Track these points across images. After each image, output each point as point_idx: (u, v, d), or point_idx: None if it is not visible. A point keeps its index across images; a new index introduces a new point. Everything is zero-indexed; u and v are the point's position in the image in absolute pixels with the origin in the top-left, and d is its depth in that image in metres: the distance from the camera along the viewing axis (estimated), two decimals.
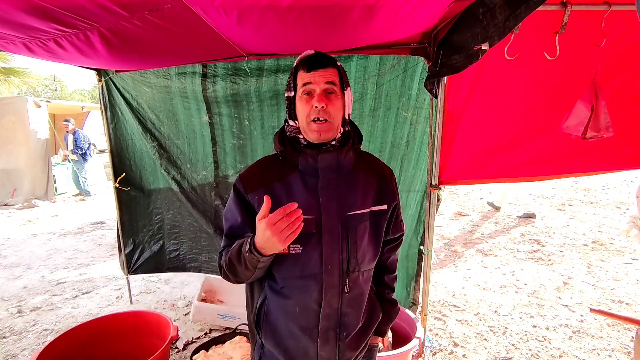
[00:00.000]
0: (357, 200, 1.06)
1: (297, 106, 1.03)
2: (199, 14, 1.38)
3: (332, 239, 1.02)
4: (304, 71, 1.01)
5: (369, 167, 1.14)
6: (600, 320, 2.92)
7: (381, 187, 1.13)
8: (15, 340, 2.89)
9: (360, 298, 1.11)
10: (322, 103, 0.98)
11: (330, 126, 1.01)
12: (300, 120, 1.04)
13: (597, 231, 5.14)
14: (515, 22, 1.28)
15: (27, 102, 7.84)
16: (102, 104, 2.77)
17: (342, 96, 1.04)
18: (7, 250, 5.04)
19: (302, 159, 1.03)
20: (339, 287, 1.03)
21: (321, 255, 1.01)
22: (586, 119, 1.77)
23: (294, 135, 1.07)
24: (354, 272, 1.05)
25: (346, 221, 1.04)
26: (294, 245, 1.00)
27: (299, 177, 1.05)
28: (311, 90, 1.00)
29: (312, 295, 1.03)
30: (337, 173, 1.04)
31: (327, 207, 1.02)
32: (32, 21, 1.34)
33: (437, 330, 2.85)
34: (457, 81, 2.00)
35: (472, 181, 2.24)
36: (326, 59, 1.02)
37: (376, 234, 1.11)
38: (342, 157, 1.04)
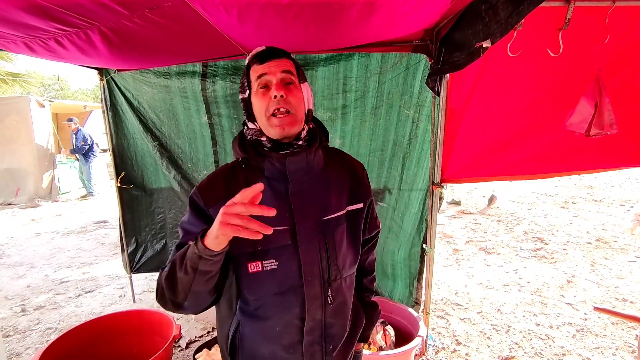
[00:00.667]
0: (331, 202, 0.98)
1: (254, 103, 0.93)
2: (199, 12, 1.37)
3: (309, 247, 0.93)
4: (257, 64, 0.92)
5: (339, 164, 1.06)
6: (604, 319, 2.91)
7: (355, 185, 1.05)
8: (19, 338, 2.91)
9: (344, 307, 1.04)
10: (281, 91, 0.89)
11: (294, 118, 0.91)
12: (259, 117, 0.93)
13: (600, 229, 5.12)
14: (518, 18, 1.27)
15: (30, 101, 7.88)
16: (104, 103, 2.78)
17: (301, 88, 0.95)
18: (11, 250, 5.07)
19: (268, 163, 0.93)
20: (321, 298, 0.96)
21: (299, 267, 0.92)
22: (590, 116, 1.76)
23: (256, 138, 0.96)
24: (335, 280, 0.98)
25: (322, 226, 0.95)
26: (269, 261, 0.91)
27: (266, 184, 0.91)
28: (267, 82, 0.91)
29: (293, 311, 0.95)
30: (308, 175, 0.95)
31: (301, 214, 0.93)
32: (33, 20, 1.34)
33: (440, 328, 2.85)
34: (459, 78, 1.99)
35: (474, 179, 2.23)
36: (279, 51, 0.95)
37: (354, 235, 1.04)
38: (312, 157, 0.95)
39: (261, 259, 0.91)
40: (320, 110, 2.37)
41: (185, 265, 0.80)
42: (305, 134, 0.96)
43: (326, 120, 2.38)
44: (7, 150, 7.93)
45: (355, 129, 2.39)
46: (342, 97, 2.32)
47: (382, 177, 2.46)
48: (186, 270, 0.81)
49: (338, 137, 2.43)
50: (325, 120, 2.38)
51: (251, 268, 0.91)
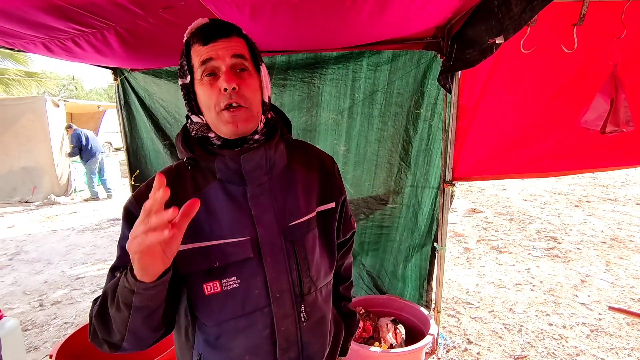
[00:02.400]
0: (299, 204, 0.85)
1: (199, 94, 0.76)
2: (212, 11, 1.39)
3: (275, 260, 0.79)
4: (200, 44, 0.75)
5: (306, 160, 0.91)
6: (619, 319, 2.86)
7: (325, 182, 0.92)
8: (37, 332, 2.98)
9: (322, 322, 0.90)
10: (233, 83, 0.72)
11: (249, 113, 0.76)
12: (206, 111, 0.77)
13: (615, 228, 5.02)
14: (532, 14, 1.26)
15: (46, 101, 8.04)
16: (118, 102, 2.82)
17: (257, 75, 0.79)
18: (28, 246, 5.19)
19: (220, 163, 0.77)
20: (294, 315, 0.82)
21: (265, 283, 0.79)
22: (605, 112, 1.73)
23: (203, 134, 0.80)
24: (309, 293, 0.84)
25: (290, 233, 0.82)
26: (229, 279, 0.77)
27: (220, 187, 0.79)
28: (214, 70, 0.74)
29: (262, 334, 0.80)
30: (268, 175, 0.81)
31: (263, 221, 0.79)
32: (51, 21, 1.38)
33: (451, 327, 2.83)
34: (471, 76, 1.98)
35: (486, 177, 2.22)
36: (227, 27, 0.77)
37: (328, 239, 0.92)
38: (272, 152, 0.80)
39: (219, 278, 0.76)
40: (326, 111, 2.36)
41: (117, 302, 0.65)
42: (263, 126, 0.82)
43: (331, 123, 2.38)
44: (24, 149, 8.11)
45: (362, 132, 2.37)
46: (350, 97, 2.31)
47: (391, 179, 2.44)
48: (118, 307, 0.66)
49: (343, 143, 2.41)
50: (329, 123, 2.37)
51: (207, 289, 0.76)
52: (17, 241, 5.43)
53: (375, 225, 2.54)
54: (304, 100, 2.35)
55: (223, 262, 0.77)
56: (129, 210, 0.77)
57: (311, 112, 2.38)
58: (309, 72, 2.30)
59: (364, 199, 2.49)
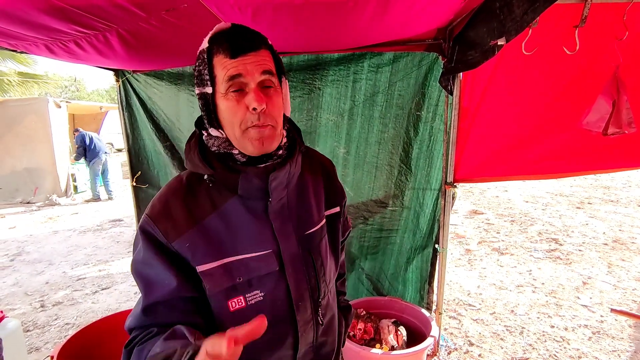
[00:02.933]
0: (312, 212, 0.87)
1: (222, 108, 0.73)
2: (214, 13, 1.39)
3: (296, 269, 0.81)
4: (226, 57, 0.70)
5: (312, 166, 0.93)
6: (621, 321, 2.85)
7: (329, 187, 0.94)
8: (38, 333, 2.99)
9: (332, 321, 0.95)
10: (263, 104, 0.69)
11: (274, 132, 0.74)
12: (229, 128, 0.74)
13: (617, 230, 5.01)
14: (534, 16, 1.25)
15: (48, 102, 8.07)
16: (120, 103, 2.83)
17: (280, 90, 0.77)
18: (30, 247, 5.20)
19: (244, 182, 0.75)
20: (312, 321, 0.85)
21: (287, 293, 0.80)
22: (607, 114, 1.73)
23: (225, 150, 0.77)
24: (324, 297, 0.87)
25: (306, 242, 0.84)
26: (253, 293, 0.77)
27: (239, 203, 0.78)
28: (242, 85, 0.71)
29: (285, 342, 0.82)
30: (287, 188, 0.82)
31: (284, 232, 0.80)
32: (54, 23, 1.38)
33: (452, 329, 2.83)
34: (473, 77, 1.98)
35: (488, 179, 2.21)
36: (256, 38, 0.73)
37: (334, 242, 0.95)
38: (294, 167, 0.81)
39: (244, 293, 0.77)
40: (326, 113, 2.36)
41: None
42: (285, 140, 0.82)
43: (331, 125, 2.38)
44: (26, 149, 8.14)
45: (362, 134, 2.37)
46: (350, 99, 2.31)
47: (391, 182, 2.44)
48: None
49: (343, 145, 2.40)
50: (330, 125, 2.37)
51: (232, 306, 0.76)
52: (19, 242, 5.44)
53: (375, 229, 2.54)
54: (304, 101, 2.35)
55: (247, 276, 0.77)
56: (146, 230, 0.75)
57: (311, 114, 2.37)
58: (309, 74, 2.30)
59: (364, 202, 2.49)
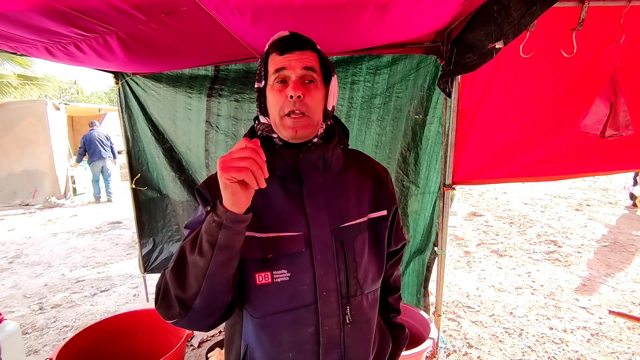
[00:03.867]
0: (350, 207, 0.89)
1: (268, 98, 0.85)
2: (213, 16, 1.40)
3: (325, 258, 0.83)
4: (277, 54, 0.82)
5: (360, 167, 0.96)
6: (620, 323, 2.86)
7: (378, 189, 0.95)
8: (37, 336, 2.98)
9: (366, 327, 0.92)
10: (299, 92, 0.79)
11: (309, 121, 0.82)
12: (271, 114, 0.84)
13: (616, 232, 5.02)
14: (531, 19, 1.26)
15: (47, 104, 8.06)
16: (119, 105, 2.83)
17: (322, 87, 0.86)
18: (28, 249, 5.19)
19: (280, 161, 0.84)
20: (339, 316, 0.85)
21: (314, 280, 0.82)
22: (605, 117, 1.74)
23: (266, 134, 0.88)
24: (355, 296, 0.87)
25: (341, 234, 0.86)
26: (280, 271, 0.81)
27: (279, 184, 0.85)
28: (285, 78, 0.82)
29: (307, 332, 0.83)
30: (324, 175, 0.86)
31: (317, 219, 0.83)
32: (54, 26, 1.39)
33: (451, 331, 2.83)
34: (471, 80, 1.99)
35: (486, 181, 2.22)
36: (304, 41, 0.84)
37: (378, 246, 0.94)
38: (329, 154, 0.86)
39: (271, 269, 0.81)
40: None
41: (201, 244, 0.69)
42: (322, 132, 0.88)
43: None
44: (25, 152, 8.13)
45: (359, 138, 2.38)
46: (348, 101, 2.32)
47: None
48: (201, 249, 0.69)
49: None
50: None
51: (259, 279, 0.81)
52: (18, 244, 5.43)
53: None
54: None
55: (276, 254, 0.81)
56: (199, 191, 0.85)
57: None
58: None
59: None
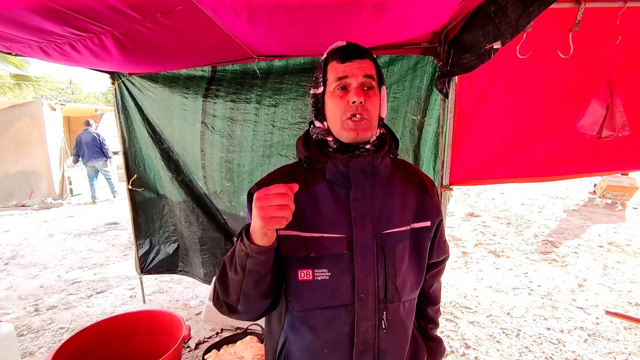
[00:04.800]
0: (394, 214, 0.91)
1: (328, 104, 0.88)
2: (209, 15, 1.39)
3: (366, 261, 0.86)
4: (338, 62, 0.87)
5: (406, 176, 0.98)
6: (616, 323, 2.86)
7: (422, 200, 0.96)
8: (32, 338, 2.95)
9: (402, 334, 0.94)
10: (361, 98, 0.83)
11: (369, 125, 0.87)
12: (332, 119, 0.88)
13: (613, 232, 5.04)
14: (528, 20, 1.26)
15: (43, 105, 8.02)
16: (116, 106, 2.81)
17: (379, 93, 0.90)
18: (24, 250, 5.15)
19: (331, 165, 0.87)
20: (375, 320, 0.87)
21: (353, 281, 0.86)
22: (601, 117, 1.74)
23: (321, 137, 0.91)
24: (392, 302, 0.89)
25: (382, 240, 0.88)
26: (321, 270, 0.85)
27: (327, 187, 0.89)
28: (346, 85, 0.86)
29: (343, 331, 0.87)
30: (372, 182, 0.89)
31: (360, 223, 0.87)
32: (48, 25, 1.38)
33: (449, 332, 2.83)
34: (468, 81, 1.99)
35: (483, 181, 2.22)
36: (363, 50, 0.89)
37: (419, 256, 0.95)
38: (378, 162, 0.88)
39: (313, 267, 0.85)
40: None
41: (235, 264, 0.78)
42: (375, 139, 0.91)
43: None
44: (21, 153, 8.08)
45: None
46: None
47: None
48: (236, 269, 0.78)
49: None
50: None
51: (301, 275, 0.86)
52: (13, 245, 5.39)
53: None
54: (298, 103, 2.35)
55: (319, 253, 0.85)
56: (250, 193, 0.88)
57: (305, 115, 2.37)
58: (305, 76, 2.30)
59: None
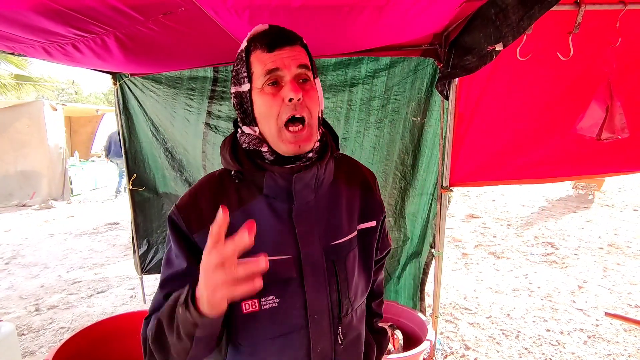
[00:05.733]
0: (342, 222, 0.82)
1: (258, 104, 0.73)
2: (211, 16, 1.40)
3: (316, 280, 0.77)
4: (264, 51, 0.71)
5: (349, 176, 0.88)
6: (616, 325, 2.87)
7: (367, 199, 0.88)
8: (33, 337, 2.96)
9: (357, 342, 0.89)
10: (299, 93, 0.69)
11: (310, 132, 0.73)
12: (265, 124, 0.73)
13: (613, 234, 5.04)
14: (530, 22, 1.27)
15: (44, 105, 8.04)
16: (117, 106, 2.82)
17: (315, 85, 0.76)
18: (25, 250, 5.16)
19: (270, 180, 0.74)
20: (330, 337, 0.80)
21: (304, 304, 0.77)
22: (601, 119, 1.75)
23: (254, 148, 0.77)
24: (346, 315, 0.82)
25: (332, 253, 0.79)
26: (268, 298, 0.74)
27: (265, 202, 0.77)
28: (278, 78, 0.71)
29: (297, 355, 0.79)
30: (315, 192, 0.78)
31: (307, 240, 0.76)
32: (51, 26, 1.38)
33: (449, 333, 2.83)
34: (468, 82, 1.99)
35: (483, 183, 2.23)
36: (292, 34, 0.74)
37: (366, 258, 0.89)
38: (322, 172, 0.78)
39: (259, 296, 0.74)
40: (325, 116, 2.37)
41: (178, 331, 0.65)
42: (317, 145, 0.79)
43: None
44: (21, 153, 8.10)
45: (358, 139, 2.37)
46: (347, 104, 2.32)
47: (386, 189, 2.44)
48: (179, 336, 0.65)
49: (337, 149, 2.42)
50: None
51: (245, 308, 0.74)
52: (14, 245, 5.40)
53: None
54: None
55: (264, 280, 0.71)
56: (171, 219, 0.76)
57: None
58: None
59: None
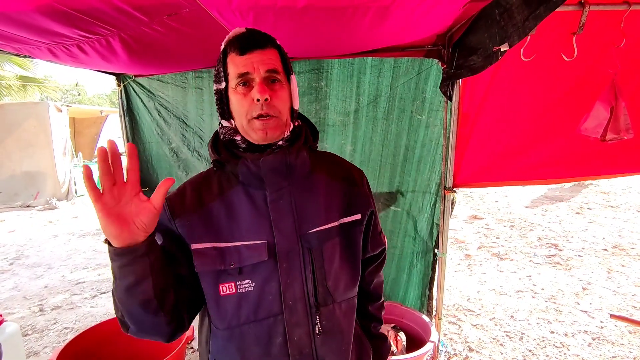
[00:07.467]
0: (319, 211, 0.85)
1: (232, 101, 0.81)
2: (215, 18, 1.40)
3: (290, 266, 0.80)
4: (237, 54, 0.79)
5: (331, 169, 0.92)
6: (621, 327, 2.85)
7: (350, 192, 0.91)
8: (37, 338, 2.98)
9: (340, 337, 0.87)
10: (265, 94, 0.76)
11: (278, 122, 0.80)
12: (237, 118, 0.81)
13: (617, 235, 5.01)
14: (535, 22, 1.27)
15: (49, 106, 8.09)
16: (121, 107, 2.83)
17: (287, 85, 0.83)
18: (29, 251, 5.19)
19: (242, 166, 0.80)
20: (308, 326, 0.81)
21: (279, 290, 0.80)
22: (605, 120, 1.74)
23: (230, 137, 0.84)
24: (326, 305, 0.84)
25: (307, 240, 0.82)
26: (244, 282, 0.79)
27: (242, 191, 0.82)
28: (248, 80, 0.78)
29: (274, 343, 0.81)
30: (289, 180, 0.82)
31: (281, 226, 0.80)
32: (57, 27, 1.39)
33: (452, 334, 2.82)
34: (472, 83, 1.99)
35: (487, 184, 2.22)
36: (264, 38, 0.81)
37: (351, 252, 0.90)
38: (293, 157, 0.82)
39: (235, 280, 0.79)
40: (333, 114, 2.39)
41: (114, 279, 0.72)
42: (289, 133, 0.84)
43: (338, 125, 2.40)
44: (26, 154, 8.15)
45: (367, 134, 2.39)
46: (355, 101, 2.34)
47: (394, 182, 2.46)
48: (114, 284, 0.72)
49: (350, 143, 2.44)
50: (337, 125, 2.40)
51: (223, 290, 0.79)
52: (18, 245, 5.43)
53: None
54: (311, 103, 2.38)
55: (239, 263, 0.79)
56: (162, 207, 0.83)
57: (319, 115, 2.40)
58: (310, 78, 2.33)
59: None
